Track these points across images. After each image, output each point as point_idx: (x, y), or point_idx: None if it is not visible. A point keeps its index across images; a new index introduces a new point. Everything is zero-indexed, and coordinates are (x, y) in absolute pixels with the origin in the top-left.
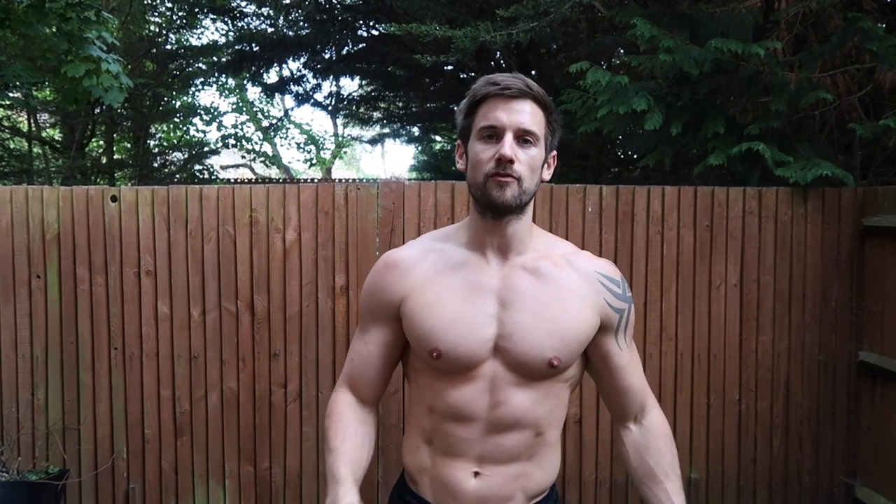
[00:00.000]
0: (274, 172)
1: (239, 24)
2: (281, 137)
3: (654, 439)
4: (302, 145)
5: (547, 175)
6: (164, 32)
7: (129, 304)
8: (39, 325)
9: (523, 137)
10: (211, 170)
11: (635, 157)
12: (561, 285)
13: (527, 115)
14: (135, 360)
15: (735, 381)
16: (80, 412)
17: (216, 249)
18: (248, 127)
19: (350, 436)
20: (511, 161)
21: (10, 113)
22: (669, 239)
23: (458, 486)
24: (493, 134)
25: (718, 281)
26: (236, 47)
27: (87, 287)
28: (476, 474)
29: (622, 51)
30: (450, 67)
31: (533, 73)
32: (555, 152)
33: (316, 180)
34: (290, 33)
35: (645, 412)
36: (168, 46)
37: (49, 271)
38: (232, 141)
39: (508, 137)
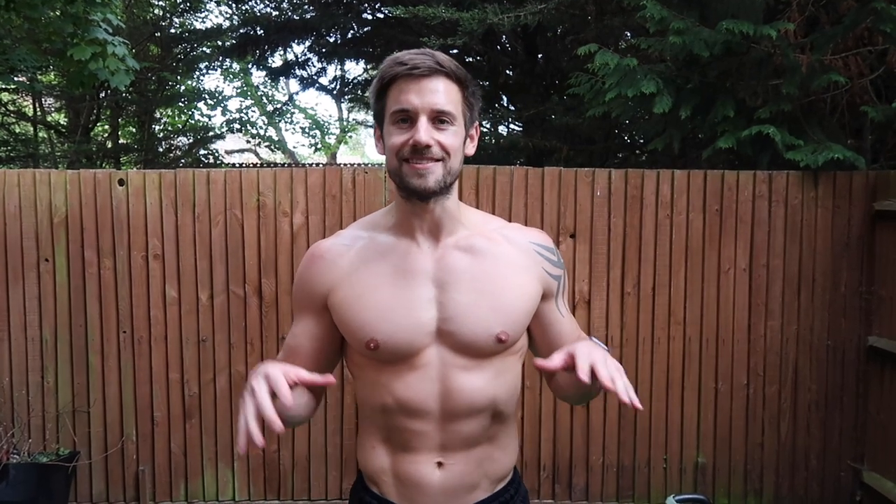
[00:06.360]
0: (279, 157)
1: (243, 8)
2: (286, 122)
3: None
4: (307, 130)
5: (471, 150)
6: (168, 16)
7: (137, 288)
8: (48, 308)
9: (438, 118)
10: (216, 154)
11: (642, 141)
12: (500, 260)
13: (440, 94)
14: (143, 343)
15: (743, 365)
16: (90, 395)
17: (224, 233)
18: (253, 111)
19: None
20: (428, 146)
21: (15, 97)
22: (678, 223)
23: (423, 480)
24: (407, 118)
25: (727, 265)
26: (241, 31)
27: (95, 270)
28: (440, 465)
29: (629, 34)
30: (456, 51)
31: (540, 56)
32: (477, 124)
33: (321, 165)
34: (295, 17)
35: None
36: (172, 30)
37: (57, 255)
38: (237, 125)
39: (422, 121)
